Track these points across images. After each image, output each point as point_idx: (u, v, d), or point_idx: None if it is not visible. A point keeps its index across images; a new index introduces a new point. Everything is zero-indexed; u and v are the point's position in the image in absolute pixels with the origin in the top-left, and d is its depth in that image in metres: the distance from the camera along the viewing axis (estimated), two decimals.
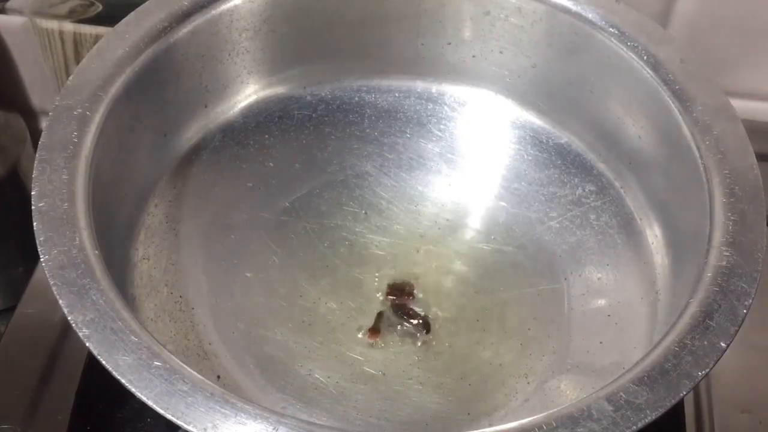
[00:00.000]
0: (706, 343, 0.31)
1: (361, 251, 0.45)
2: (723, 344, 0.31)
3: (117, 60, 0.39)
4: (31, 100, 0.61)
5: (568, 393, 0.39)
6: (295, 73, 0.48)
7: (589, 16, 0.43)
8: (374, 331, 0.42)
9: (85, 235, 0.33)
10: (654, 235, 0.42)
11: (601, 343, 0.41)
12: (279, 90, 0.48)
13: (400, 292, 0.44)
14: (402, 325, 0.43)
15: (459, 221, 0.47)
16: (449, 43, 0.47)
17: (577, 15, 0.43)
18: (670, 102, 0.40)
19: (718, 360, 0.31)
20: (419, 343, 0.42)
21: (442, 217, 0.47)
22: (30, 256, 0.37)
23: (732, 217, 0.35)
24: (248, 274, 0.44)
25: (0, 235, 0.55)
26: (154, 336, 0.30)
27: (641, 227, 0.43)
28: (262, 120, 0.47)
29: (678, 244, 0.40)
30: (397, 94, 0.49)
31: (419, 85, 0.49)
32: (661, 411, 0.29)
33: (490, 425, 0.29)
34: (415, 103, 0.49)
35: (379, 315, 0.43)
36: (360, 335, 0.42)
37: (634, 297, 0.41)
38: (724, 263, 0.33)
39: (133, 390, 0.29)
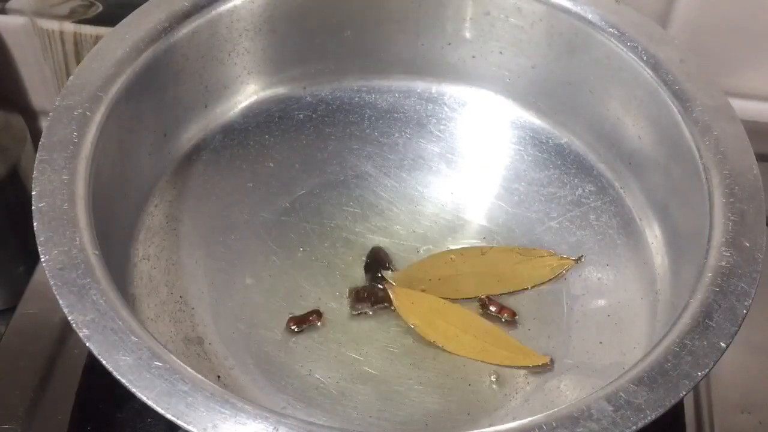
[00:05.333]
0: (705, 343, 0.31)
1: (361, 251, 0.45)
2: (723, 344, 0.31)
3: (117, 60, 0.39)
4: (31, 101, 0.61)
5: (568, 393, 0.39)
6: (295, 73, 0.48)
7: (589, 16, 0.43)
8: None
9: (86, 235, 0.33)
10: (654, 236, 0.42)
11: (600, 343, 0.41)
12: (279, 90, 0.48)
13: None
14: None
15: (459, 221, 0.47)
16: (449, 44, 0.47)
17: (576, 15, 0.43)
18: (670, 102, 0.40)
19: (717, 360, 0.31)
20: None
21: (442, 217, 0.47)
22: (30, 256, 0.37)
23: (732, 217, 0.35)
24: (248, 275, 0.44)
25: (0, 235, 0.55)
26: (155, 336, 0.30)
27: (641, 227, 0.43)
28: (262, 120, 0.47)
29: (678, 244, 0.40)
30: (397, 95, 0.49)
31: (419, 85, 0.49)
32: (660, 411, 0.29)
33: (491, 425, 0.29)
34: (415, 104, 0.49)
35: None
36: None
37: (634, 297, 0.41)
38: (723, 263, 0.34)
39: (133, 390, 0.29)
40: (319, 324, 0.42)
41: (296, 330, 0.42)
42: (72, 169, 0.35)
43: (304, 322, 0.42)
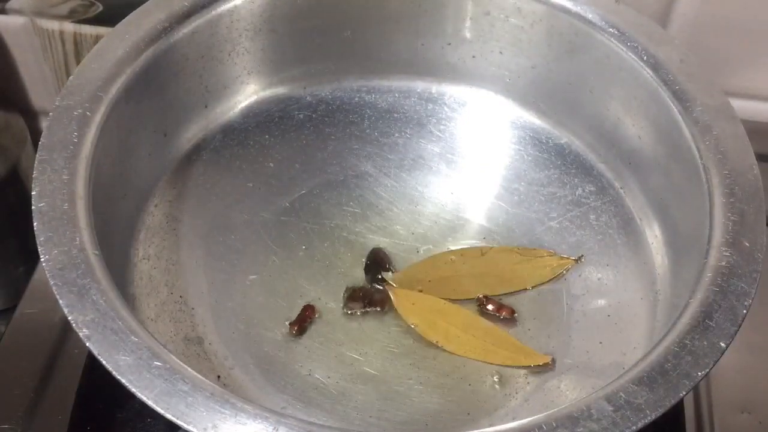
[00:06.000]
0: (705, 343, 0.31)
1: (361, 251, 0.45)
2: (723, 344, 0.31)
3: (117, 60, 0.39)
4: (31, 101, 0.61)
5: (568, 393, 0.39)
6: (295, 73, 0.48)
7: (589, 16, 0.43)
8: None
9: (86, 235, 0.33)
10: (654, 235, 0.42)
11: (600, 343, 0.41)
12: (279, 90, 0.48)
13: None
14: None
15: (459, 221, 0.47)
16: (449, 44, 0.48)
17: (576, 15, 0.43)
18: (670, 102, 0.40)
19: (717, 360, 0.31)
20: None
21: (442, 217, 0.47)
22: (30, 256, 0.37)
23: (732, 217, 0.35)
24: (248, 275, 0.44)
25: (0, 235, 0.55)
26: (155, 336, 0.30)
27: (641, 227, 0.43)
28: (262, 120, 0.47)
29: (678, 244, 0.40)
30: (397, 95, 0.49)
31: (419, 85, 0.49)
32: (660, 411, 0.29)
33: (491, 425, 0.29)
34: (415, 104, 0.49)
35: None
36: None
37: (634, 297, 0.41)
38: (723, 263, 0.34)
39: (133, 390, 0.29)
40: (316, 316, 0.42)
41: (300, 333, 0.42)
42: (72, 169, 0.35)
43: (304, 321, 0.42)
